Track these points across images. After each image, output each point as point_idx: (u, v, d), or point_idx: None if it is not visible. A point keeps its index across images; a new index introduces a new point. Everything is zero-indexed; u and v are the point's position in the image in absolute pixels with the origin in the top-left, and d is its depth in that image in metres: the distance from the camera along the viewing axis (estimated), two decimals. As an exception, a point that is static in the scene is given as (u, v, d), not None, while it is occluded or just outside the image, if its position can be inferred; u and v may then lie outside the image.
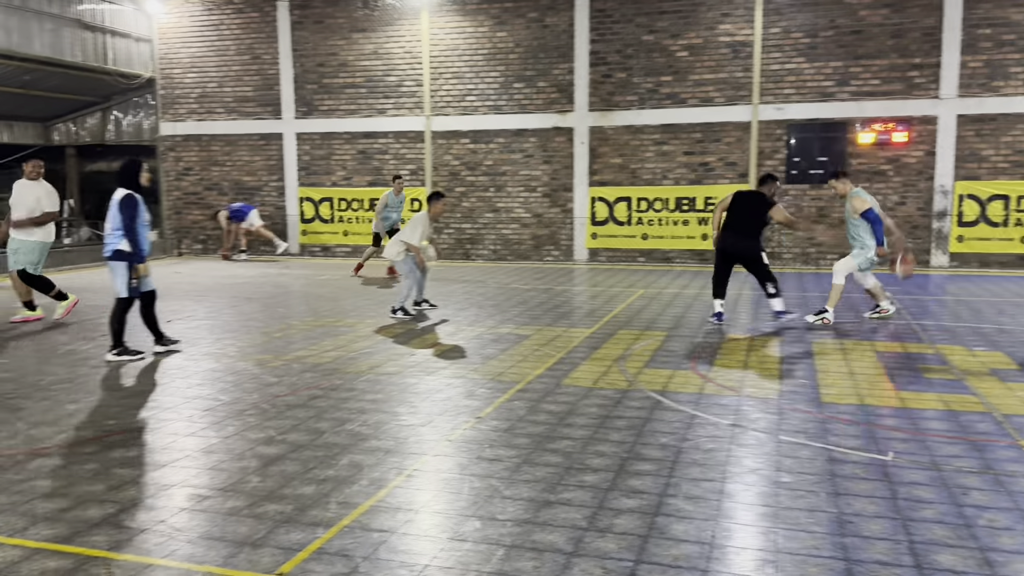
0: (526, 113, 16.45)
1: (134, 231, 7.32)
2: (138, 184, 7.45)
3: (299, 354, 7.77)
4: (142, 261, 7.42)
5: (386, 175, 17.26)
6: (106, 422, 5.58)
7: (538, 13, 16.17)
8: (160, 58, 18.50)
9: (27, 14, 15.66)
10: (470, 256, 17.05)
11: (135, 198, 7.36)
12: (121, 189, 7.40)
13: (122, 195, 7.35)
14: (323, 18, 17.33)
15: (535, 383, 6.58)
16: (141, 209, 7.42)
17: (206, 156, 18.50)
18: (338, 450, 4.94)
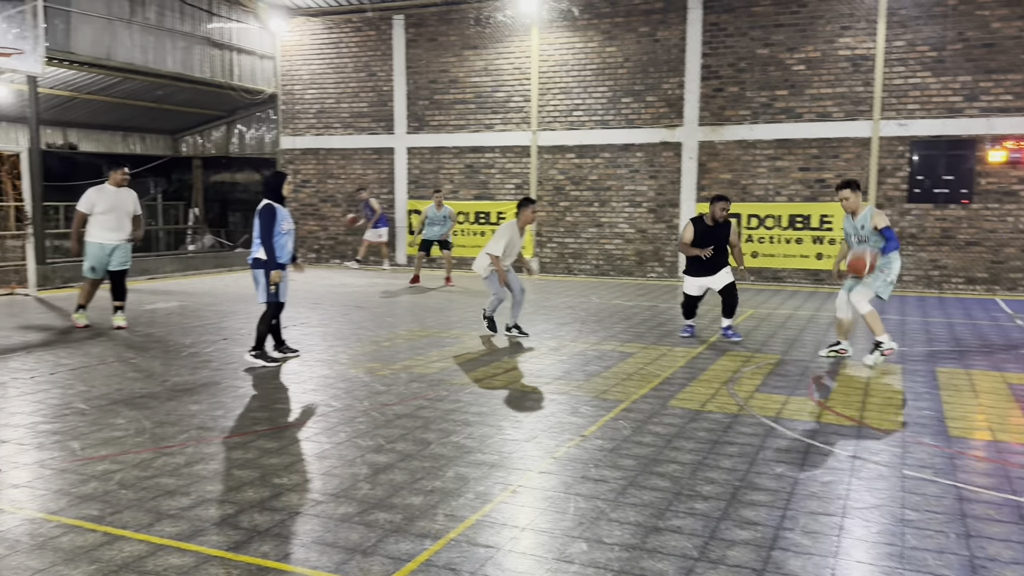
0: (633, 128, 16.32)
1: (270, 240, 7.58)
2: (280, 195, 7.74)
3: (406, 363, 7.91)
4: (276, 268, 7.66)
5: (492, 189, 17.47)
6: (225, 424, 5.81)
7: (649, 28, 16.05)
8: (282, 75, 19.34)
9: (161, 33, 16.68)
10: (572, 271, 17.01)
11: (273, 208, 7.62)
12: (264, 200, 7.71)
13: (261, 205, 7.68)
14: (436, 36, 17.72)
15: (640, 403, 6.48)
16: (279, 219, 7.66)
17: (322, 169, 19.20)
18: (444, 462, 4.98)
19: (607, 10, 16.34)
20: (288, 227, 7.82)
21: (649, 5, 16.06)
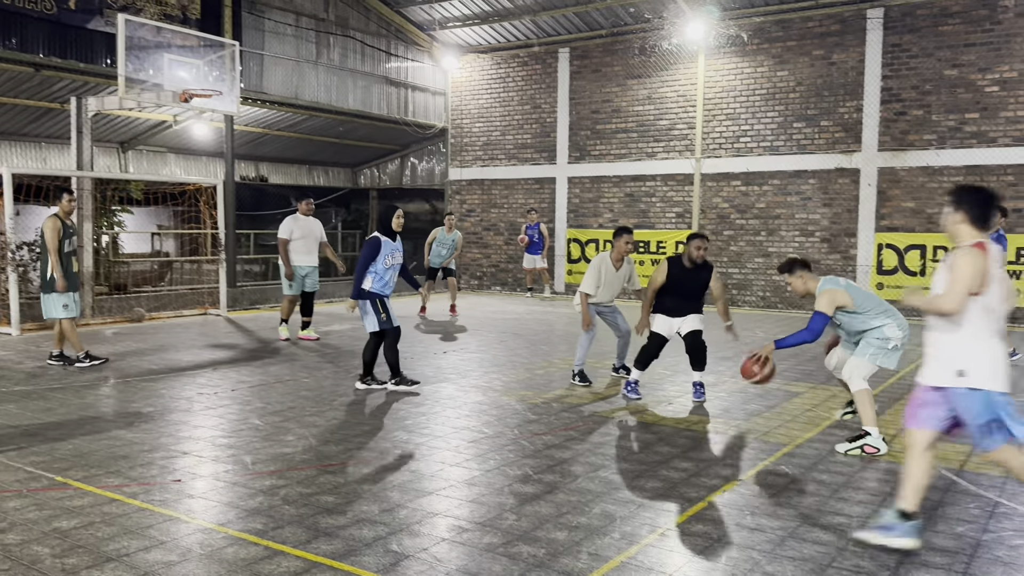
0: (806, 154, 15.62)
1: (364, 269, 7.69)
2: (390, 229, 7.87)
3: (559, 393, 7.90)
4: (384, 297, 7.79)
5: (652, 218, 17.25)
6: (384, 445, 6.03)
7: (824, 51, 15.36)
8: (452, 109, 20.12)
9: (344, 73, 17.83)
10: (736, 302, 16.43)
11: (378, 241, 7.74)
12: (374, 232, 7.90)
13: (369, 236, 7.87)
14: (600, 67, 17.83)
15: (805, 447, 6.10)
16: (384, 252, 7.74)
17: (487, 199, 19.73)
18: (591, 497, 4.90)
19: (779, 34, 15.81)
20: (393, 261, 7.85)
21: (824, 28, 15.38)
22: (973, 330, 4.06)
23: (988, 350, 4.06)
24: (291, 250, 10.88)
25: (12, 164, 15.19)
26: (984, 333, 4.07)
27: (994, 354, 4.06)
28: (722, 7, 15.98)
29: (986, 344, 4.07)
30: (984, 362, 4.04)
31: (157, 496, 4.82)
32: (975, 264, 4.00)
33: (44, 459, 5.52)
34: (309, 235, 11.02)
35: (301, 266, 10.96)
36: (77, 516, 4.48)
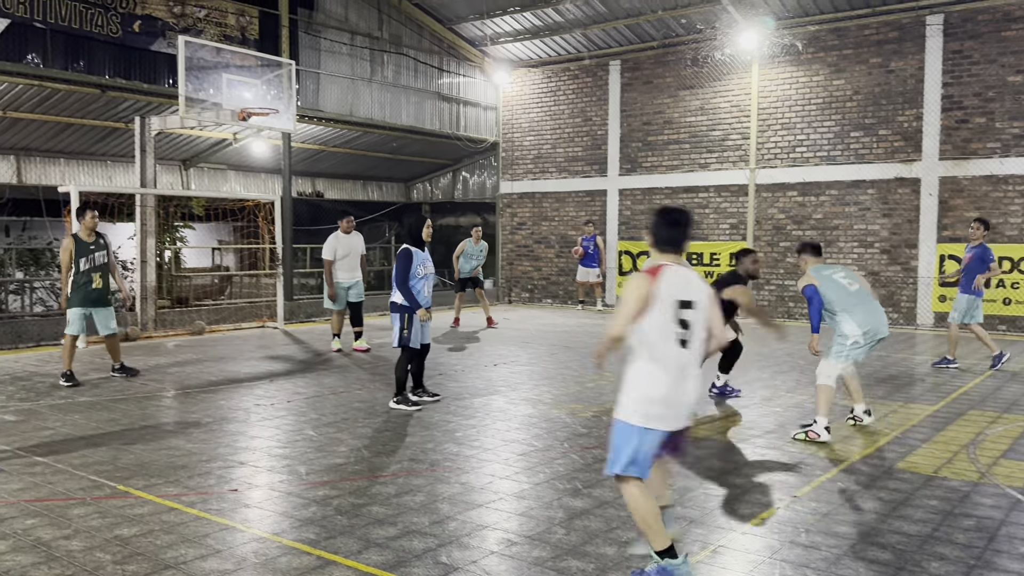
0: (864, 163, 15.30)
1: (405, 284, 7.53)
2: (420, 239, 7.78)
3: (609, 406, 7.83)
4: (412, 312, 7.56)
5: (705, 230, 17.07)
6: (434, 458, 6.07)
7: (882, 59, 15.06)
8: (503, 123, 20.26)
9: (397, 90, 18.11)
10: (793, 315, 16.13)
11: (409, 252, 7.59)
12: (403, 244, 7.76)
13: (400, 249, 7.72)
14: (652, 78, 17.76)
15: (863, 463, 5.96)
16: (415, 263, 7.59)
17: (537, 212, 19.78)
18: (642, 512, 4.85)
19: (834, 42, 15.55)
20: (424, 271, 7.71)
21: (881, 35, 15.08)
22: (636, 360, 3.84)
23: (639, 381, 3.81)
24: (335, 268, 11.17)
25: (79, 182, 15.78)
26: (644, 364, 3.80)
27: (652, 386, 3.77)
28: (776, 17, 15.80)
29: (641, 375, 3.81)
30: (631, 394, 3.83)
31: (214, 505, 4.94)
32: (637, 290, 3.77)
33: (107, 468, 5.70)
34: (352, 252, 11.27)
35: (344, 283, 11.27)
36: (137, 524, 4.61)
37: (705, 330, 3.92)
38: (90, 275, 8.96)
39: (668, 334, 3.78)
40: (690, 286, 3.86)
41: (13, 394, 8.29)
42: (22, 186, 15.70)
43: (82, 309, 8.96)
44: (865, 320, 6.65)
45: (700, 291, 3.89)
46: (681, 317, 3.80)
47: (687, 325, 3.81)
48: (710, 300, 3.94)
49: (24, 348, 11.53)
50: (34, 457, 5.96)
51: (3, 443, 6.34)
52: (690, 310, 3.82)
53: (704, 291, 3.91)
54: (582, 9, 17.12)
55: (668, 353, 3.79)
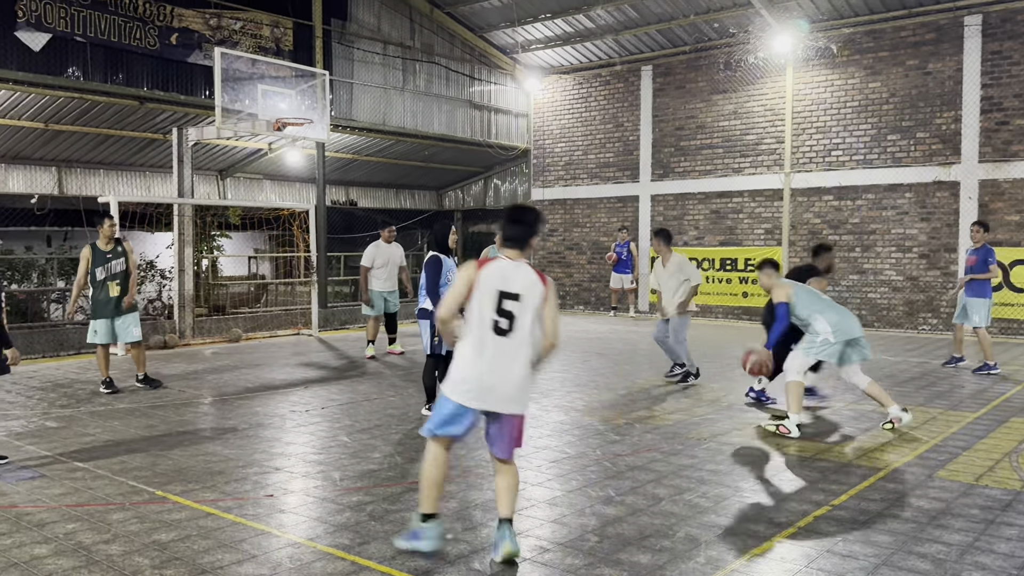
0: (901, 167, 15.06)
1: (436, 291, 7.36)
2: (446, 246, 7.72)
3: (641, 414, 7.81)
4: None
5: (739, 235, 16.92)
6: (467, 464, 6.08)
7: (918, 60, 14.83)
8: (535, 130, 20.29)
9: (429, 98, 18.23)
10: (831, 321, 15.90)
11: (439, 259, 7.44)
12: (431, 252, 7.64)
13: (428, 256, 7.57)
14: (684, 83, 17.67)
15: (902, 471, 5.85)
16: (445, 270, 7.45)
17: (569, 219, 19.76)
18: (675, 520, 4.82)
19: (870, 45, 15.35)
20: (452, 278, 7.44)
21: (918, 37, 14.86)
22: (464, 341, 4.19)
23: (457, 360, 4.19)
24: (373, 277, 11.38)
25: (119, 192, 16.09)
26: (463, 345, 4.18)
27: (464, 365, 4.12)
28: (810, 19, 15.64)
29: (459, 354, 4.19)
30: (452, 371, 4.21)
31: (250, 511, 5.00)
32: (462, 277, 4.20)
33: (146, 473, 5.80)
34: (390, 262, 11.48)
35: (381, 291, 11.45)
36: (175, 529, 4.68)
37: (532, 324, 4.18)
38: (106, 284, 8.91)
39: (485, 320, 4.11)
40: (516, 280, 4.16)
41: (55, 401, 8.47)
42: (63, 197, 16.05)
43: (104, 319, 8.93)
44: (837, 320, 7.08)
45: (529, 287, 4.18)
46: (503, 307, 4.11)
47: (508, 315, 4.11)
48: (543, 299, 4.21)
49: (65, 356, 11.77)
50: (75, 463, 6.08)
51: (45, 449, 6.48)
52: (514, 301, 4.12)
53: (536, 289, 4.19)
54: (613, 15, 17.11)
55: (483, 338, 4.11)
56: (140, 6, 13.07)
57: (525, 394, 4.23)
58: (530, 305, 4.17)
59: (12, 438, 6.82)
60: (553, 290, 4.28)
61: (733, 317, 17.06)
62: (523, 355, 4.17)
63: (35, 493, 5.34)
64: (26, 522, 4.79)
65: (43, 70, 12.13)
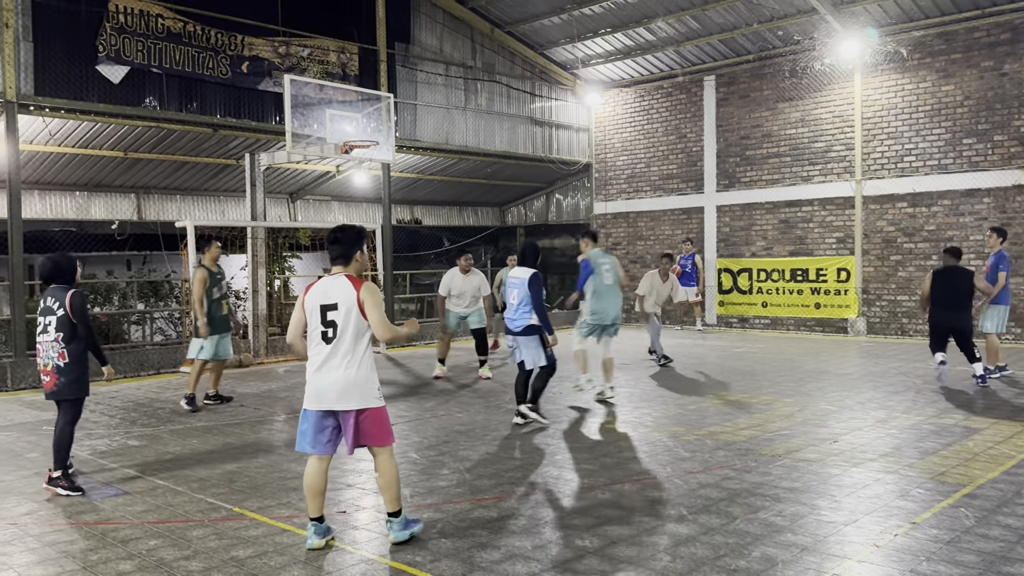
0: (978, 171, 14.54)
1: (542, 306, 7.80)
2: (538, 263, 8.00)
3: (712, 430, 7.68)
4: (552, 333, 7.90)
5: (810, 244, 16.55)
6: (534, 481, 6.07)
7: (994, 61, 14.32)
8: (596, 144, 20.27)
9: (491, 117, 18.39)
10: (906, 332, 15.39)
11: (540, 276, 7.84)
12: (526, 268, 7.91)
13: (530, 274, 7.82)
14: (748, 92, 17.43)
15: (988, 488, 5.61)
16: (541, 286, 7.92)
17: (632, 232, 19.63)
18: (750, 539, 4.72)
19: (942, 47, 14.89)
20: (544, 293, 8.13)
21: (992, 38, 14.36)
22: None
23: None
24: (449, 303, 11.30)
25: (194, 217, 16.66)
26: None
27: (307, 376, 4.79)
28: (878, 25, 15.27)
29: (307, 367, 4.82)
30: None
31: (323, 527, 5.08)
32: (297, 304, 4.86)
33: (223, 490, 5.96)
34: (466, 293, 11.27)
35: (458, 312, 11.34)
36: (252, 545, 4.79)
37: (354, 326, 4.67)
38: (220, 303, 9.46)
39: (315, 333, 4.74)
40: (331, 293, 4.70)
41: (136, 420, 8.78)
42: (142, 222, 16.71)
43: (217, 336, 9.35)
44: (598, 307, 9.03)
45: (343, 296, 4.68)
46: (326, 318, 4.68)
47: (330, 323, 4.68)
48: (357, 303, 4.67)
49: (145, 376, 12.20)
50: (156, 480, 6.29)
51: (128, 467, 6.72)
52: (333, 311, 4.67)
53: (348, 295, 4.66)
54: (674, 27, 17.01)
55: (314, 349, 4.73)
56: (212, 37, 13.56)
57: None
58: (344, 311, 4.68)
59: (97, 456, 7.10)
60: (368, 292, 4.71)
61: (806, 329, 16.66)
62: (344, 355, 4.68)
63: (119, 510, 5.54)
64: (111, 538, 4.97)
65: (122, 101, 12.68)
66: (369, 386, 4.69)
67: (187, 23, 13.23)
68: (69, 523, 5.28)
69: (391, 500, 4.73)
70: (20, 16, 11.63)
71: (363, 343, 4.71)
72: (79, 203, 15.75)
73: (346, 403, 4.64)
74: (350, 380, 4.63)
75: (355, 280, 4.72)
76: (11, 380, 10.95)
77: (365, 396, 4.67)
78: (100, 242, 18.92)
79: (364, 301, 4.66)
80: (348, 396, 4.64)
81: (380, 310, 4.68)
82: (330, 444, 4.76)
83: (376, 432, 4.71)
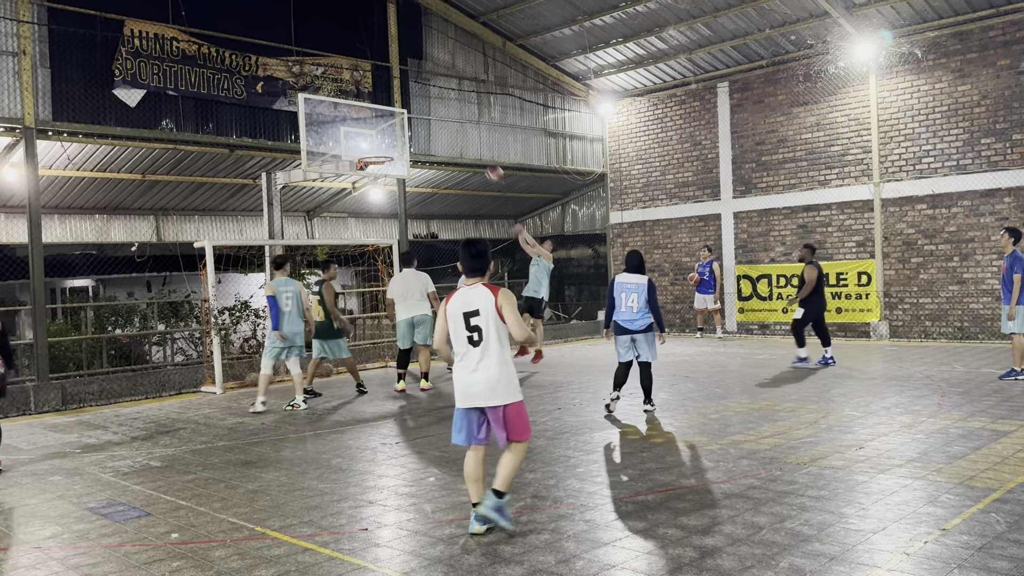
0: (998, 171, 14.37)
1: (657, 307, 8.83)
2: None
3: (736, 438, 7.59)
4: (664, 331, 9.04)
5: (829, 248, 16.41)
6: (558, 494, 6.02)
7: (1011, 60, 14.18)
8: (610, 154, 20.25)
9: (504, 129, 18.43)
10: (930, 335, 15.20)
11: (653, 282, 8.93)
12: (640, 276, 8.89)
13: (647, 280, 8.84)
14: (763, 97, 17.36)
15: (1018, 492, 5.50)
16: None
17: (649, 240, 19.56)
18: (777, 550, 4.64)
19: (957, 47, 14.77)
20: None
21: (1008, 36, 14.22)
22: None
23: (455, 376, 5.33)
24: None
25: (212, 237, 16.79)
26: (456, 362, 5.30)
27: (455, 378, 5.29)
28: (892, 26, 15.18)
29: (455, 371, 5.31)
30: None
31: (346, 545, 5.06)
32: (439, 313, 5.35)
33: (245, 510, 5.95)
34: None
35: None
36: (275, 565, 4.77)
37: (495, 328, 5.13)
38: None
39: (460, 338, 5.20)
40: (471, 301, 5.17)
41: (158, 440, 8.82)
42: (161, 243, 16.85)
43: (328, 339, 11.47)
44: (287, 329, 10.44)
45: (483, 302, 5.15)
46: (469, 323, 5.15)
47: (475, 328, 5.15)
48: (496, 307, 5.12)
49: (167, 396, 12.27)
50: (178, 501, 6.29)
51: (150, 488, 6.74)
52: (476, 317, 5.14)
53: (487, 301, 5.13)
54: (686, 35, 16.99)
55: (462, 351, 5.21)
56: (227, 58, 13.70)
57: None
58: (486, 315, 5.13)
59: (119, 478, 7.13)
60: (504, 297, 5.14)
61: (826, 334, 16.48)
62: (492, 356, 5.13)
63: (142, 532, 5.55)
64: (135, 560, 4.97)
65: (139, 124, 12.82)
66: (511, 382, 5.17)
67: (202, 45, 13.37)
68: (92, 546, 5.29)
69: (502, 480, 5.18)
70: (37, 43, 11.80)
71: (505, 344, 5.17)
72: (99, 226, 15.91)
73: (492, 399, 5.12)
74: (495, 378, 5.11)
75: (492, 287, 5.20)
76: (34, 403, 11.05)
77: (509, 391, 5.15)
78: (120, 264, 19.11)
79: (502, 305, 5.13)
80: (494, 393, 5.11)
81: (516, 312, 5.14)
82: (483, 437, 5.26)
83: (518, 426, 5.18)
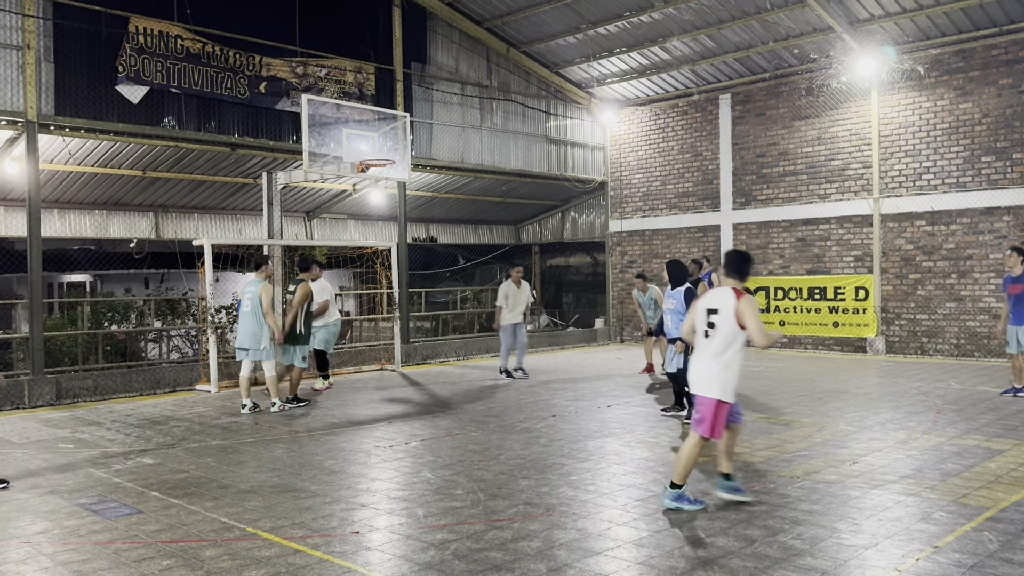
0: (997, 189, 14.41)
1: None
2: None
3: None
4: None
5: (828, 263, 16.43)
6: (550, 502, 6.01)
7: (1012, 79, 14.23)
8: (611, 163, 20.28)
9: (506, 135, 18.46)
10: (926, 351, 15.22)
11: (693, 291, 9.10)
12: (679, 287, 9.10)
13: (686, 289, 9.05)
14: (765, 110, 17.40)
15: (1012, 511, 5.50)
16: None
17: (648, 249, 19.58)
18: (769, 563, 4.63)
19: (959, 65, 14.82)
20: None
21: (1011, 55, 14.27)
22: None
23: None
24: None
25: (212, 236, 16.77)
26: None
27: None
28: (895, 43, 15.22)
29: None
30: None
31: (337, 547, 5.05)
32: (691, 308, 6.06)
33: (236, 510, 5.94)
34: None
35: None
36: (265, 566, 4.76)
37: (730, 328, 5.60)
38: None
39: (700, 331, 5.79)
40: (716, 300, 5.72)
41: (151, 438, 8.80)
42: (160, 240, 16.82)
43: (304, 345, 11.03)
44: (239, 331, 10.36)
45: (724, 303, 5.65)
46: (708, 320, 5.71)
47: (711, 324, 5.69)
48: (735, 311, 5.58)
49: (161, 393, 12.24)
50: (170, 499, 6.27)
51: (142, 485, 6.72)
52: (715, 315, 5.68)
53: (729, 303, 5.62)
54: (689, 46, 17.03)
55: (697, 343, 5.84)
56: (231, 57, 13.71)
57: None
58: (724, 315, 5.65)
59: (112, 475, 7.10)
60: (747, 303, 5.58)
61: (824, 348, 16.51)
62: (716, 350, 5.66)
63: (132, 529, 5.53)
64: (124, 558, 4.95)
65: (141, 121, 12.81)
66: (717, 380, 5.59)
67: (206, 44, 13.38)
68: (83, 542, 5.27)
69: (678, 473, 5.68)
70: (41, 38, 11.80)
71: (733, 345, 5.60)
72: (98, 221, 15.89)
73: (697, 387, 5.73)
74: (706, 370, 5.64)
75: (739, 293, 5.62)
76: (28, 397, 11.02)
77: (710, 386, 5.61)
78: (118, 260, 19.06)
79: (743, 312, 5.53)
80: (699, 382, 5.70)
81: (757, 319, 5.50)
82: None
83: (700, 416, 5.67)
